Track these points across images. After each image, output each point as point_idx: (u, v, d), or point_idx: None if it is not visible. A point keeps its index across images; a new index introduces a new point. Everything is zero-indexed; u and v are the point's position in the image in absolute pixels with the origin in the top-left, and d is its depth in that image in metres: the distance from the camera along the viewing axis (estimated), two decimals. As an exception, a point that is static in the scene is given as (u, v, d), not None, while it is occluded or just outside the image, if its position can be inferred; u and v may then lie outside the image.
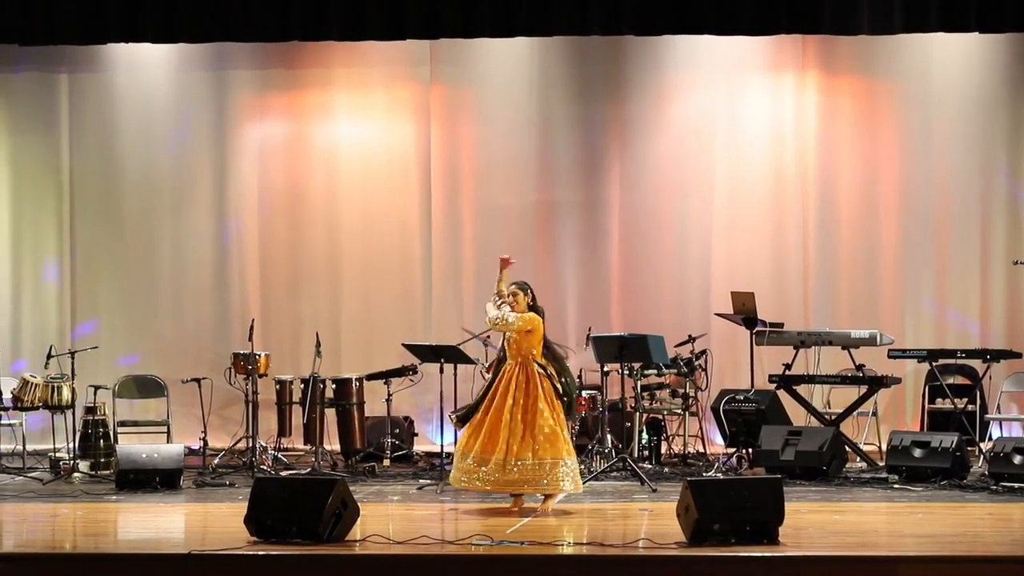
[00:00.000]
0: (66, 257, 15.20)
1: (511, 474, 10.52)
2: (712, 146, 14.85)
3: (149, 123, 15.16)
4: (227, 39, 13.94)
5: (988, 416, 13.48)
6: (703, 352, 13.49)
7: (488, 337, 13.45)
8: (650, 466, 12.95)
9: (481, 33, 13.59)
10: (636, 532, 10.01)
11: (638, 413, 13.28)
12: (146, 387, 14.36)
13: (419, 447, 14.16)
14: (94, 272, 15.21)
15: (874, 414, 13.81)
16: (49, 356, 13.09)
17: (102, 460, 12.95)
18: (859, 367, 13.30)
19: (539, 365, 10.70)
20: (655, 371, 13.30)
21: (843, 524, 10.35)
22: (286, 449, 13.84)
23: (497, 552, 9.21)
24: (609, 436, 12.72)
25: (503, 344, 11.01)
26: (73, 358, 13.15)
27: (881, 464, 12.82)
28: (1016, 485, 11.61)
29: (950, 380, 13.73)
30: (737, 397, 13.26)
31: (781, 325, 13.66)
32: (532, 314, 10.81)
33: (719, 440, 13.61)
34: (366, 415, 13.77)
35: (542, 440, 10.53)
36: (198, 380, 13.37)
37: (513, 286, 10.93)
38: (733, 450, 13.21)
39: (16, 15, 13.45)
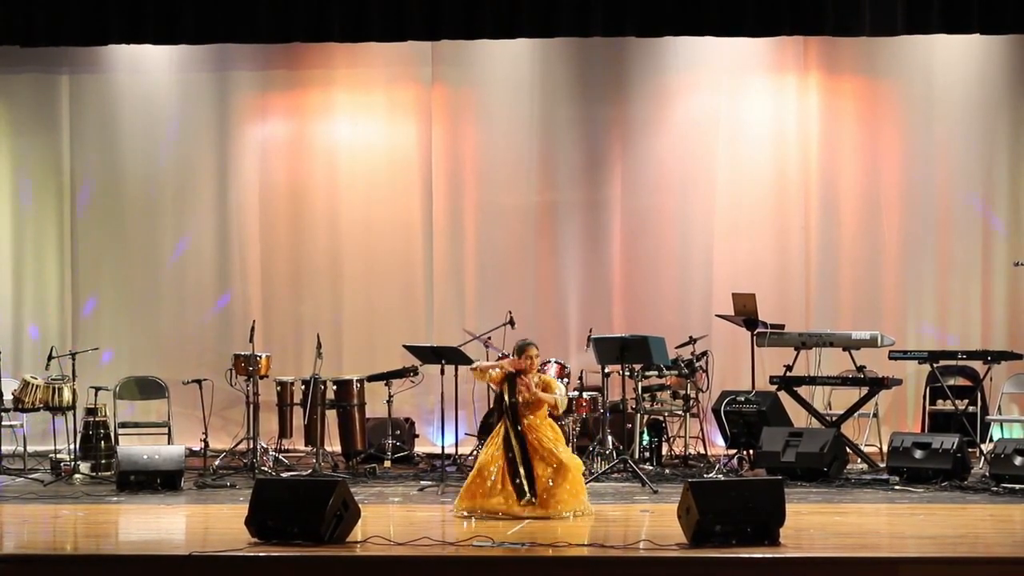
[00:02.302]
0: (67, 258, 15.20)
1: None
2: (714, 147, 14.85)
3: (150, 124, 15.17)
4: (229, 40, 13.94)
5: (989, 417, 13.47)
6: (704, 353, 13.49)
7: (489, 339, 13.46)
8: (651, 467, 12.95)
9: (483, 34, 13.57)
10: (637, 533, 10.00)
11: (639, 414, 13.28)
12: (147, 388, 14.35)
13: (420, 448, 14.16)
14: (95, 273, 15.21)
15: (875, 415, 13.80)
16: (50, 357, 13.10)
17: (103, 461, 12.94)
18: (860, 368, 13.29)
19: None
20: (656, 372, 13.31)
21: (844, 525, 10.34)
22: (287, 450, 13.85)
23: (498, 553, 9.20)
24: (610, 437, 12.70)
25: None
26: (74, 359, 13.17)
27: (882, 465, 12.82)
28: (1017, 486, 11.60)
29: (951, 381, 13.73)
30: (738, 398, 13.25)
31: (782, 326, 13.66)
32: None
33: (720, 441, 13.61)
34: (367, 416, 13.78)
35: None
36: (199, 381, 13.35)
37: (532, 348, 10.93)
38: (734, 451, 13.20)
39: (18, 16, 13.44)
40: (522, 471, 10.58)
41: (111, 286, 15.22)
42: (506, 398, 10.79)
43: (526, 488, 10.54)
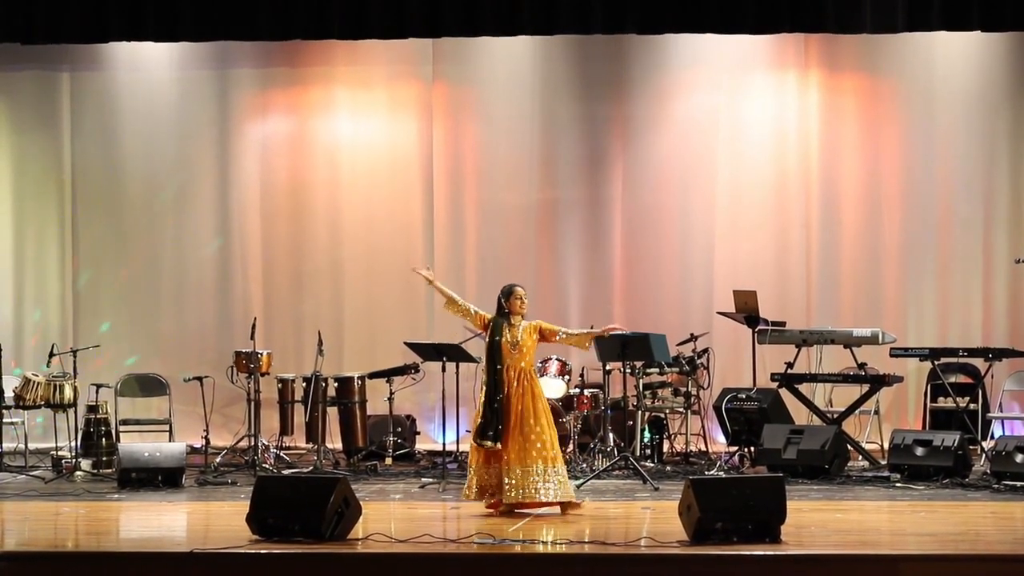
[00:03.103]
0: (68, 255, 15.20)
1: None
2: (715, 145, 14.85)
3: (151, 122, 15.17)
4: (229, 38, 13.93)
5: (990, 415, 13.47)
6: (705, 351, 13.48)
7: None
8: (652, 465, 12.95)
9: (484, 32, 13.59)
10: (638, 531, 10.00)
11: (640, 412, 13.28)
12: (148, 385, 14.36)
13: (421, 446, 14.17)
14: (96, 270, 15.22)
15: (876, 413, 13.81)
16: (51, 354, 13.10)
17: (104, 459, 12.93)
18: (861, 366, 13.28)
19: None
20: (657, 370, 13.31)
21: (845, 523, 10.35)
22: (288, 447, 13.86)
23: (499, 551, 9.21)
24: (611, 435, 12.71)
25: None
26: (75, 356, 13.17)
27: (883, 463, 12.82)
28: (1018, 484, 11.59)
29: (952, 378, 13.71)
30: (739, 396, 13.25)
31: (783, 324, 13.65)
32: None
33: (721, 439, 13.61)
34: (368, 413, 13.78)
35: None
36: (200, 378, 13.41)
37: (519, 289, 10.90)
38: (735, 449, 13.21)
39: (18, 14, 13.44)
40: (488, 411, 10.54)
41: (112, 283, 15.22)
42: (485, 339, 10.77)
43: (489, 432, 10.51)
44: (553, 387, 13.24)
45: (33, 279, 15.24)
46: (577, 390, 13.36)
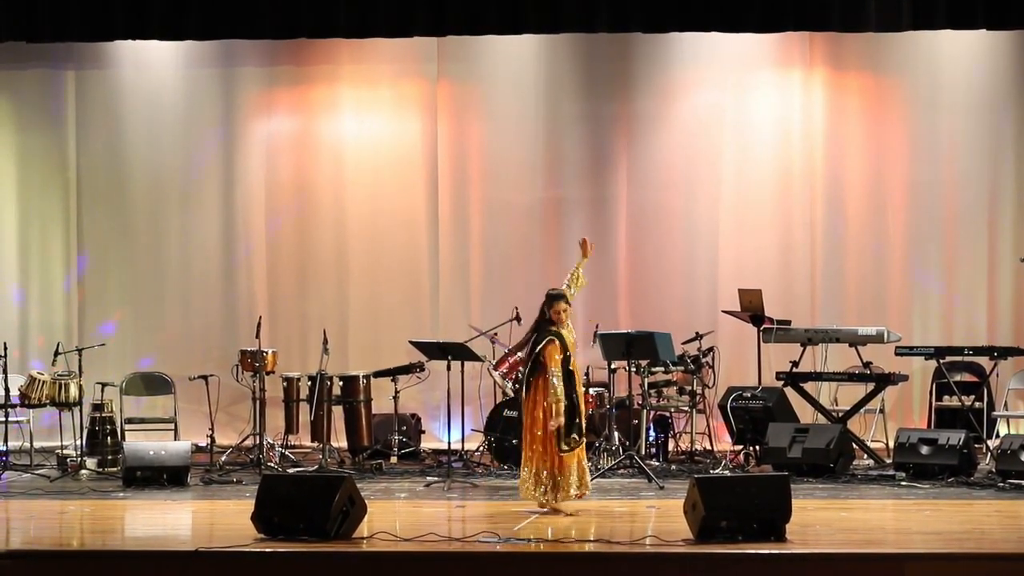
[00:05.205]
0: (73, 254, 15.22)
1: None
2: (719, 143, 14.84)
3: (156, 120, 15.18)
4: (235, 36, 13.91)
5: (995, 413, 13.46)
6: (710, 349, 13.48)
7: (496, 335, 13.46)
8: (657, 463, 12.95)
9: (488, 30, 13.59)
10: (643, 529, 9.99)
11: (645, 410, 13.27)
12: (153, 384, 14.37)
13: (426, 444, 14.17)
14: (101, 269, 15.23)
15: (881, 411, 13.79)
16: (57, 353, 13.10)
17: (109, 457, 12.96)
18: (866, 364, 13.26)
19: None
20: (662, 368, 13.29)
21: (850, 521, 10.34)
22: (293, 446, 13.86)
23: (504, 550, 9.21)
24: (616, 433, 12.71)
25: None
26: (80, 355, 13.17)
27: (888, 461, 12.80)
28: (1023, 482, 11.59)
29: (957, 377, 13.70)
30: (744, 394, 13.25)
31: (788, 322, 13.64)
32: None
33: (726, 437, 13.61)
34: (373, 412, 13.78)
35: None
36: (205, 377, 13.42)
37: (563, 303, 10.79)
38: (740, 447, 13.21)
39: (23, 12, 13.44)
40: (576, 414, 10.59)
41: (117, 282, 15.22)
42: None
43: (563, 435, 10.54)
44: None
45: (38, 278, 15.24)
46: (582, 388, 13.33)
